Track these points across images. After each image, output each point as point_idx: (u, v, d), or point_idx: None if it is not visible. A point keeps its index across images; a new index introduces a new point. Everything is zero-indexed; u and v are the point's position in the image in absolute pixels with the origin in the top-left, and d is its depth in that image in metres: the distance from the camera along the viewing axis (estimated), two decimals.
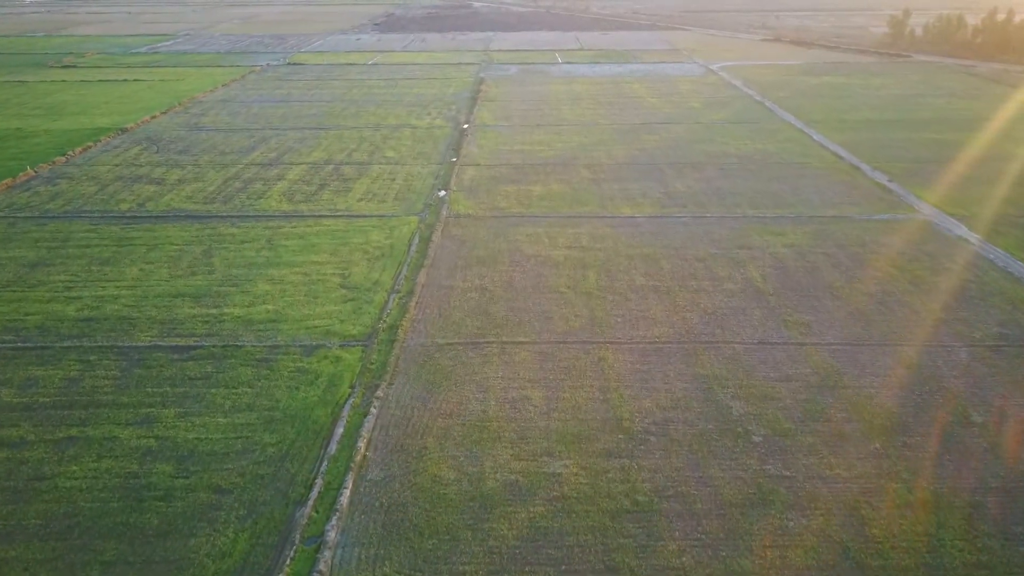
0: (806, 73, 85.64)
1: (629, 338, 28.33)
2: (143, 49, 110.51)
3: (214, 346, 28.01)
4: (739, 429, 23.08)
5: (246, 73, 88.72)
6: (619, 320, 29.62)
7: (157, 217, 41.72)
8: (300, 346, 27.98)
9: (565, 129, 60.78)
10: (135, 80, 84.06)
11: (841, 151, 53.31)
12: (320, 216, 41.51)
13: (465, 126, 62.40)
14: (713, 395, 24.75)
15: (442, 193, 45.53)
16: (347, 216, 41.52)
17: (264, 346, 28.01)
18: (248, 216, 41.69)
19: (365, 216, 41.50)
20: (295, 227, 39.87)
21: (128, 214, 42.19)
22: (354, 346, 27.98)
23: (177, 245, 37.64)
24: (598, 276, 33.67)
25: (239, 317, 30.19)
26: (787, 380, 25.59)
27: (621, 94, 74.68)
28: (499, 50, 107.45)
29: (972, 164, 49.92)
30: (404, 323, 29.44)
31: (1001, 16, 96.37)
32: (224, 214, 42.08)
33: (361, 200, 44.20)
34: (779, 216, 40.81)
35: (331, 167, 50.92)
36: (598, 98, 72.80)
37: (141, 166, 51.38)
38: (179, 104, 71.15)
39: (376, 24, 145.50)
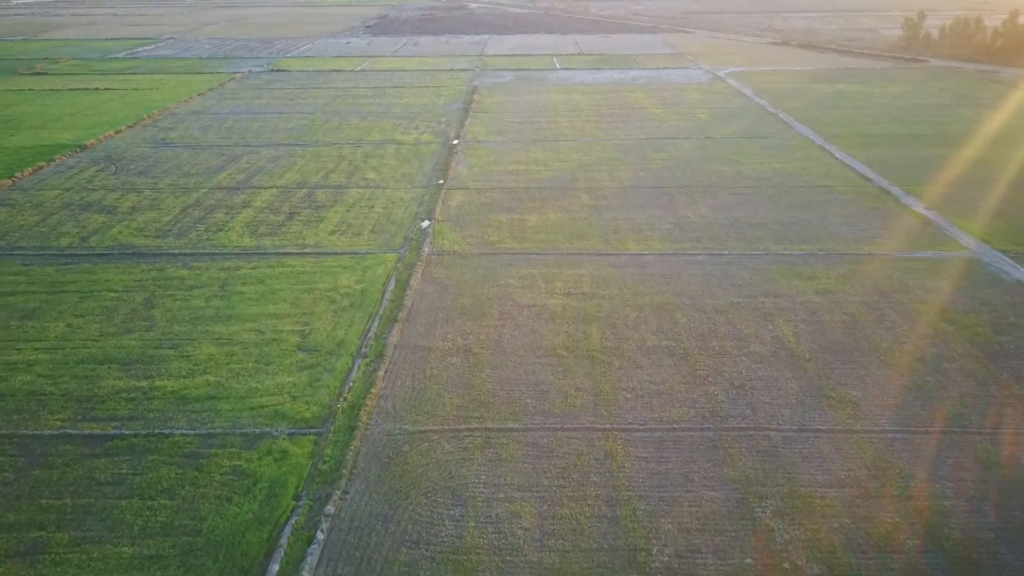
0: (818, 80, 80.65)
1: (642, 422, 23.32)
2: (121, 54, 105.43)
3: (136, 435, 22.98)
4: (786, 565, 18.08)
5: (226, 81, 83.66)
6: (629, 396, 24.62)
7: (100, 255, 36.68)
8: (240, 434, 22.96)
9: (563, 145, 55.76)
10: (106, 89, 78.98)
11: (868, 171, 48.30)
12: (285, 254, 36.46)
13: (455, 142, 57.38)
14: (749, 510, 19.74)
15: (425, 224, 40.51)
16: (316, 254, 36.48)
17: (197, 435, 22.98)
18: (203, 254, 36.65)
19: (336, 254, 36.46)
20: (255, 268, 34.82)
21: (68, 251, 37.15)
22: (306, 434, 22.97)
23: (116, 292, 32.59)
24: (602, 333, 28.66)
25: (173, 392, 25.17)
26: (839, 486, 20.59)
27: (623, 104, 69.64)
28: (494, 55, 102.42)
29: (1017, 188, 44.95)
30: (369, 401, 24.43)
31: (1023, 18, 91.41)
32: (176, 251, 37.04)
33: (333, 233, 39.16)
34: (807, 254, 35.79)
35: (304, 191, 45.88)
36: (599, 109, 67.77)
37: (94, 190, 46.34)
38: (148, 117, 66.10)
39: (368, 27, 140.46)
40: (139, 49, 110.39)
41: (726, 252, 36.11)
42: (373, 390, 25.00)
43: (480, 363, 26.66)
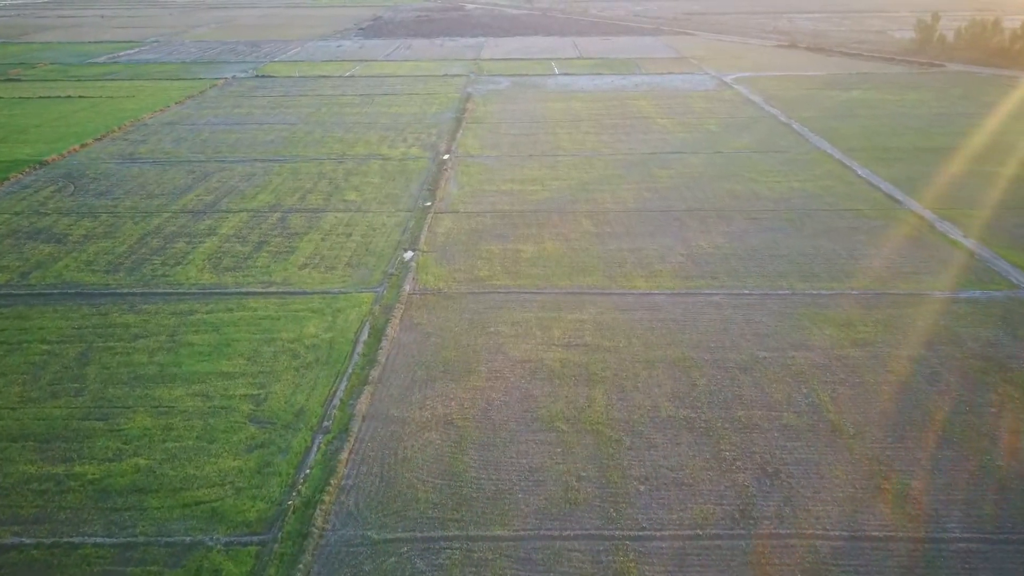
0: (831, 86, 76.40)
1: (658, 527, 19.09)
2: (102, 59, 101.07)
3: (38, 545, 18.75)
4: None
5: (207, 88, 79.36)
6: (642, 489, 20.39)
7: (39, 295, 32.42)
8: (166, 545, 18.72)
9: (562, 161, 51.50)
10: (80, 97, 74.69)
11: (895, 192, 44.07)
12: (247, 294, 32.20)
13: (445, 156, 53.13)
14: None
15: (408, 255, 36.25)
16: (282, 294, 32.22)
17: (113, 545, 18.74)
18: (155, 294, 32.38)
19: (305, 294, 32.20)
20: (211, 312, 30.55)
21: (3, 290, 32.88)
22: (247, 544, 18.73)
23: (48, 344, 28.34)
24: (608, 399, 24.43)
25: (93, 482, 20.93)
26: None
27: (626, 114, 65.38)
28: (490, 59, 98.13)
29: None
30: (327, 495, 20.20)
31: None
32: (126, 290, 32.77)
33: (304, 267, 34.90)
34: (838, 294, 31.55)
35: (277, 216, 41.63)
36: (600, 119, 63.52)
37: (46, 215, 42.08)
38: (119, 128, 61.82)
39: (361, 29, 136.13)
40: (121, 53, 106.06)
41: (746, 291, 31.85)
42: (333, 480, 20.75)
43: (464, 441, 22.41)
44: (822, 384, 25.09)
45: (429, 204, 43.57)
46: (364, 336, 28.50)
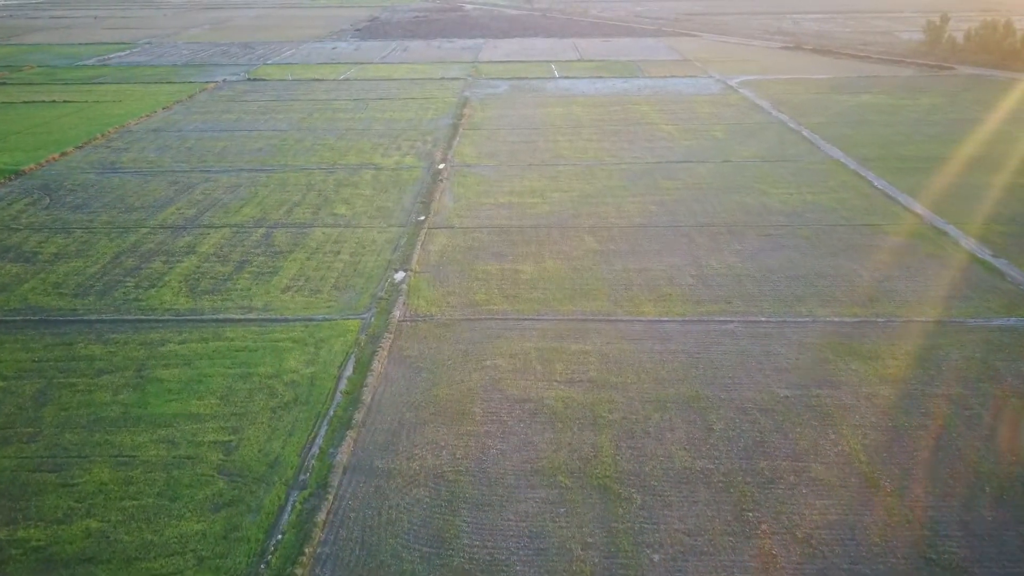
0: (840, 90, 74.07)
1: None
2: (91, 61, 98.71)
3: None
4: None
5: (197, 92, 76.99)
6: (656, 559, 18.04)
7: (0, 322, 30.07)
8: None
9: (563, 171, 49.14)
10: (65, 102, 72.31)
11: (915, 205, 41.73)
12: (225, 321, 29.84)
13: (441, 166, 50.76)
14: None
15: (399, 276, 33.89)
16: (262, 321, 29.86)
17: None
18: (126, 321, 30.03)
19: (286, 321, 29.84)
20: (184, 342, 28.20)
21: None
22: None
23: (4, 380, 25.99)
24: (616, 446, 22.09)
25: (37, 550, 18.58)
26: None
27: (629, 120, 63.03)
28: (489, 61, 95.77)
29: None
30: (300, 569, 17.83)
31: None
32: (94, 316, 30.42)
33: (287, 290, 32.54)
34: (862, 321, 29.19)
35: (261, 232, 39.27)
36: (602, 125, 61.16)
37: (17, 230, 39.73)
38: (102, 135, 59.45)
39: (357, 30, 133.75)
40: (111, 55, 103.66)
41: (763, 319, 29.49)
42: (308, 548, 18.39)
43: (456, 499, 20.06)
44: (852, 429, 22.74)
45: (423, 218, 41.22)
46: (348, 371, 26.13)
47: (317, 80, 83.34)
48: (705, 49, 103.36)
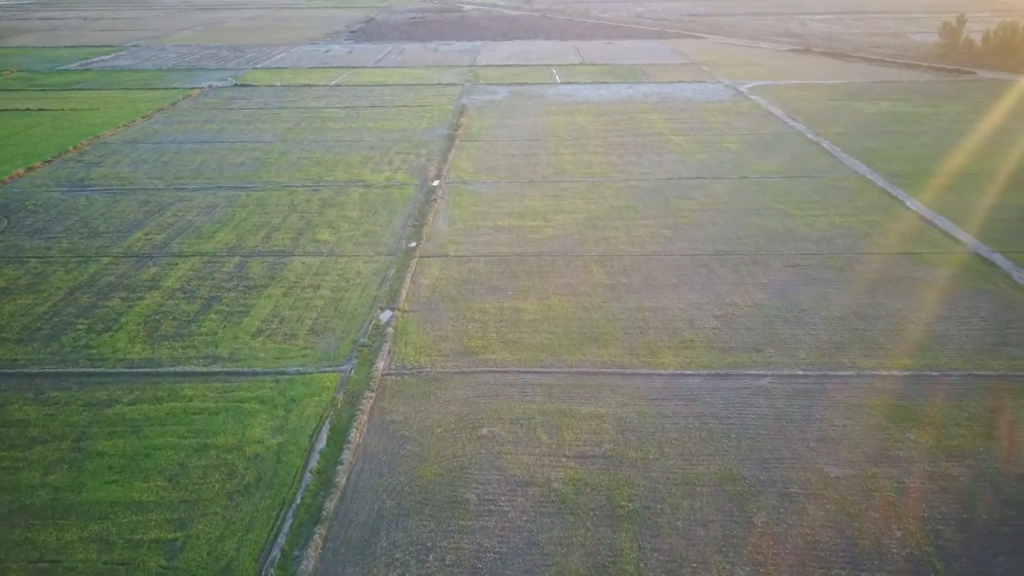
0: (857, 97, 70.32)
1: None
2: (74, 65, 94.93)
3: None
4: None
5: (180, 99, 73.18)
6: None
7: None
8: None
9: (568, 189, 45.37)
10: (40, 110, 68.55)
11: (955, 230, 37.98)
12: (184, 375, 26.06)
13: (435, 183, 46.99)
14: None
15: (385, 316, 30.12)
16: (226, 375, 26.08)
17: None
18: (71, 375, 26.26)
19: (255, 375, 26.06)
20: (135, 403, 24.42)
21: None
22: None
23: None
24: (639, 547, 18.33)
25: None
26: None
27: (636, 130, 59.27)
28: (487, 65, 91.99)
29: None
30: None
31: None
32: (35, 369, 26.64)
33: (259, 334, 28.76)
34: (915, 376, 25.42)
35: (235, 261, 35.50)
36: (608, 136, 57.40)
37: None
38: (74, 148, 55.67)
39: (352, 32, 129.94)
40: (96, 59, 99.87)
41: (800, 372, 25.72)
42: None
43: None
44: (918, 523, 18.99)
45: (414, 245, 37.45)
46: (321, 443, 22.35)
47: (307, 86, 79.55)
48: (711, 52, 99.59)
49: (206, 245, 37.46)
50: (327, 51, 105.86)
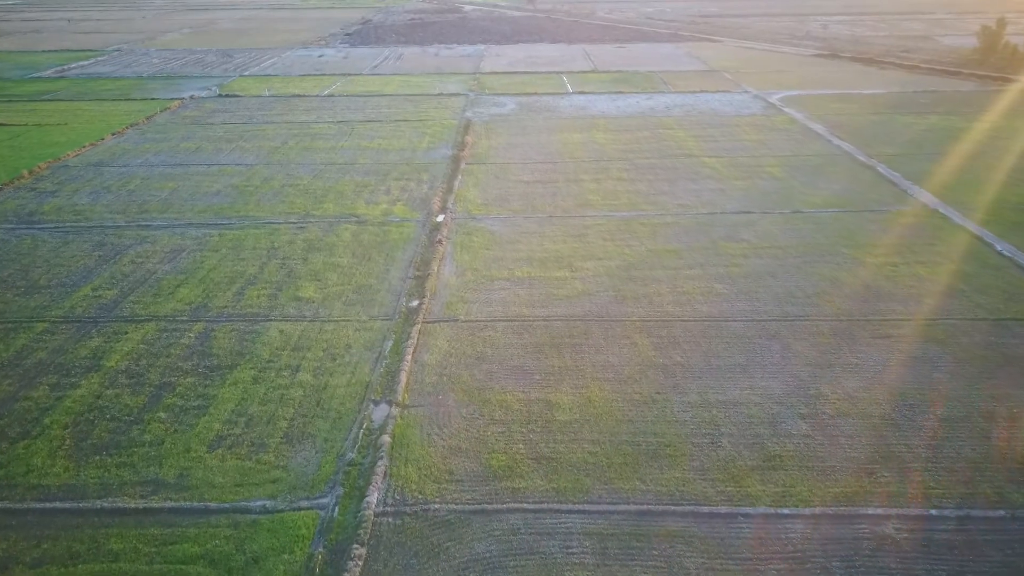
0: (900, 109, 63.88)
1: None
2: (49, 72, 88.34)
3: None
4: None
5: (157, 112, 66.60)
6: None
7: None
8: None
9: (594, 226, 38.92)
10: (2, 125, 61.86)
11: None
12: (112, 515, 19.56)
13: (440, 218, 40.53)
14: None
15: (380, 413, 23.67)
16: (169, 512, 19.58)
17: None
18: None
19: (206, 512, 19.56)
20: (38, 566, 17.89)
21: None
22: None
23: None
24: None
25: None
26: None
27: (663, 150, 52.79)
28: (492, 72, 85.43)
29: None
30: None
31: None
32: None
33: (217, 445, 22.28)
34: None
35: (197, 329, 28.99)
36: (632, 158, 50.91)
37: None
38: (30, 172, 49.14)
39: (347, 34, 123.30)
40: (73, 65, 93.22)
41: (933, 512, 19.26)
42: None
43: None
44: None
45: (416, 303, 30.98)
46: None
47: (298, 96, 72.99)
48: (731, 57, 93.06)
49: (165, 305, 30.93)
50: (320, 56, 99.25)
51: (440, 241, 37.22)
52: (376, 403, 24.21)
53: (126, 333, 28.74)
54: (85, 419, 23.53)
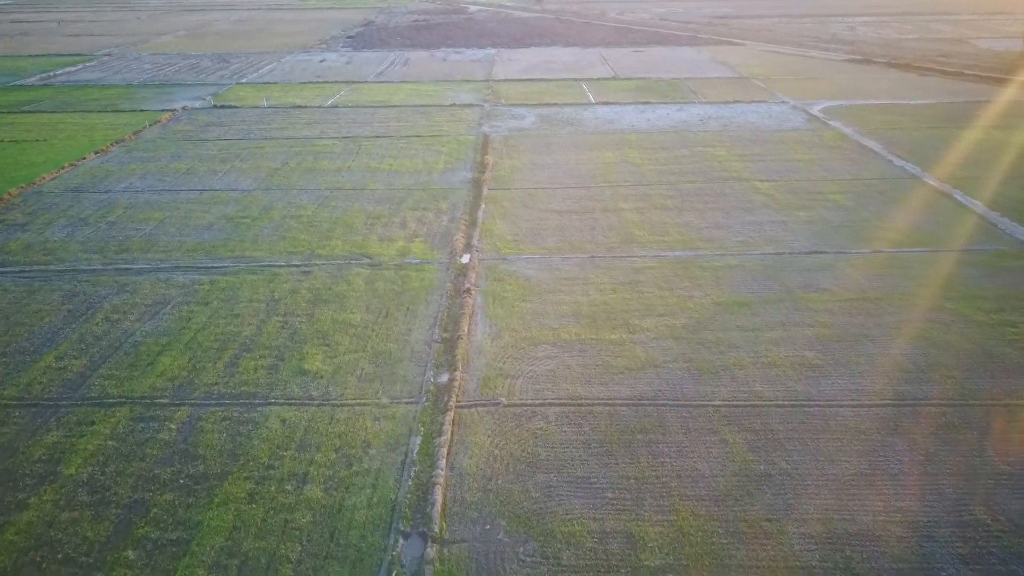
0: (957, 122, 58.45)
1: None
2: (33, 79, 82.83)
3: None
4: None
5: (146, 126, 61.14)
6: None
7: None
8: None
9: (645, 269, 33.45)
10: None
11: None
12: None
13: (465, 258, 35.10)
14: None
15: (412, 555, 18.23)
16: None
17: None
18: None
19: None
20: None
21: None
22: None
23: None
24: None
25: None
26: None
27: (707, 172, 47.36)
28: (505, 79, 79.95)
29: None
30: None
31: None
32: None
33: None
34: None
35: (180, 419, 23.53)
36: (674, 182, 45.46)
37: None
38: (0, 201, 43.68)
39: (349, 37, 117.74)
40: (59, 71, 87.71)
41: None
42: None
43: None
44: None
45: (446, 378, 25.56)
46: None
47: (299, 107, 67.53)
48: (758, 62, 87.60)
49: (142, 382, 25.46)
50: (322, 61, 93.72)
51: (468, 290, 31.76)
52: (406, 536, 18.75)
53: (92, 424, 23.27)
54: (30, 561, 18.05)
